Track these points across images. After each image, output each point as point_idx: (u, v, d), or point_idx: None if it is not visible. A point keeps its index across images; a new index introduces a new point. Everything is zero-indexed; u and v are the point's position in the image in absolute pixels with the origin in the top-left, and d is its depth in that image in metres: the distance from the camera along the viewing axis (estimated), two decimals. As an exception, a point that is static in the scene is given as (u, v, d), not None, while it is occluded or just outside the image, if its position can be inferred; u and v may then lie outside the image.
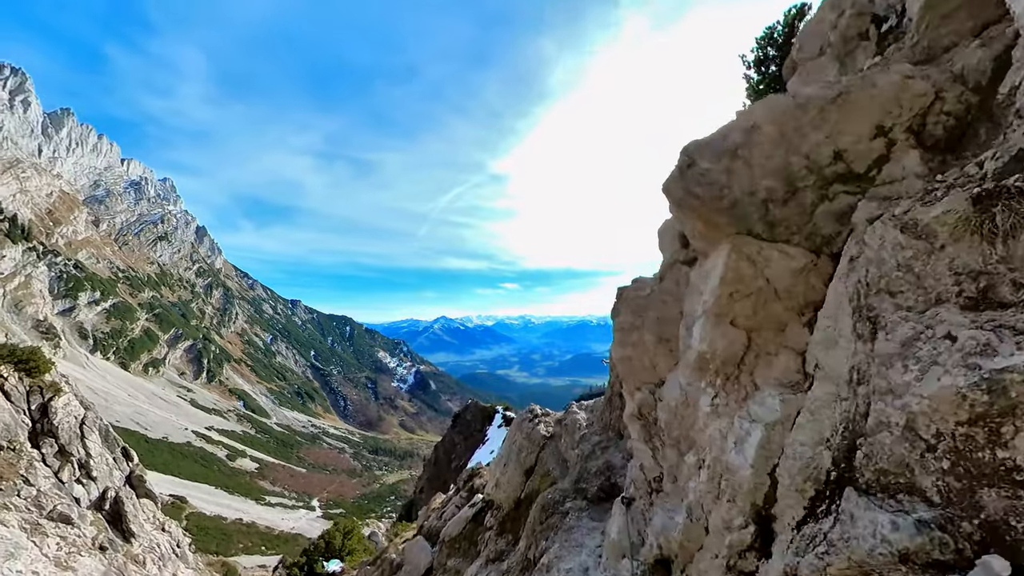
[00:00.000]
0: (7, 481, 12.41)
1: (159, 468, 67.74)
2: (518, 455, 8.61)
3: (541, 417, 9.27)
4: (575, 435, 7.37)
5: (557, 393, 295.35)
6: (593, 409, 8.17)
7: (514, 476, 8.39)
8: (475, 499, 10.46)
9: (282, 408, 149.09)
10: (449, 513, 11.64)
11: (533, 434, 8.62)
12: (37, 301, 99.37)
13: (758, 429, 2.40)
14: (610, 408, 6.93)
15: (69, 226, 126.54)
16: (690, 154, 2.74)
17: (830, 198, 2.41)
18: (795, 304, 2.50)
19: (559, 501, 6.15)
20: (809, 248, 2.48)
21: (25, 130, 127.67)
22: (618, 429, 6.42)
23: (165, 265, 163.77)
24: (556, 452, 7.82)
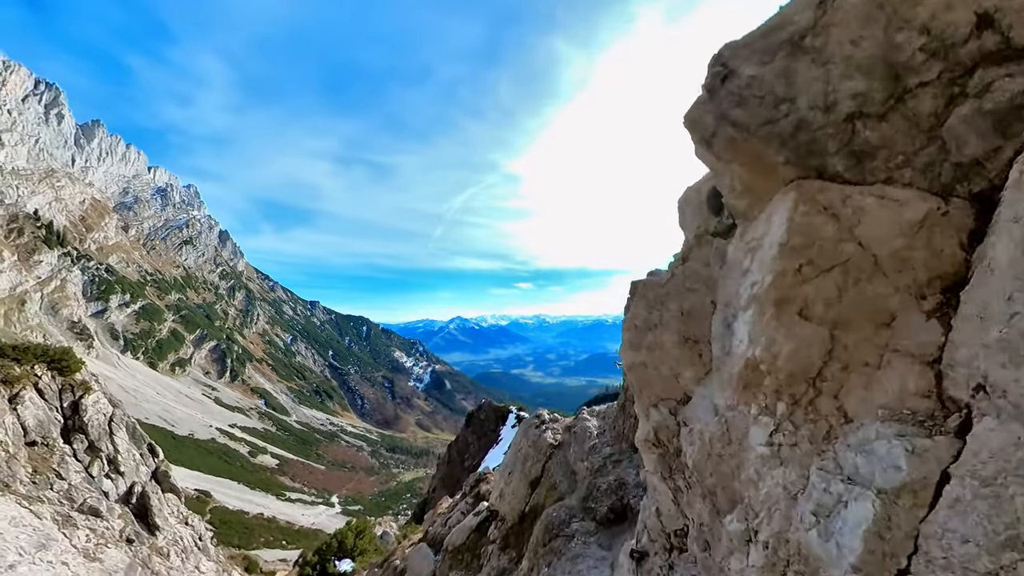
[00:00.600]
0: (41, 475, 13.14)
1: (185, 463, 70.35)
2: (523, 464, 8.07)
3: (549, 423, 8.71)
4: (584, 445, 6.85)
5: (572, 393, 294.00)
6: (605, 416, 7.57)
7: (519, 487, 7.84)
8: (480, 507, 10.08)
9: (302, 406, 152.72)
10: (454, 519, 11.37)
11: (539, 442, 8.09)
12: (72, 303, 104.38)
13: (863, 498, 1.44)
14: (623, 416, 6.35)
15: (100, 232, 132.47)
16: (726, 60, 1.82)
17: (972, 94, 1.43)
18: (911, 281, 1.56)
19: (565, 521, 5.65)
20: (931, 189, 1.54)
21: (59, 141, 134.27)
22: (632, 440, 5.79)
23: (190, 268, 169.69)
24: (564, 463, 7.28)
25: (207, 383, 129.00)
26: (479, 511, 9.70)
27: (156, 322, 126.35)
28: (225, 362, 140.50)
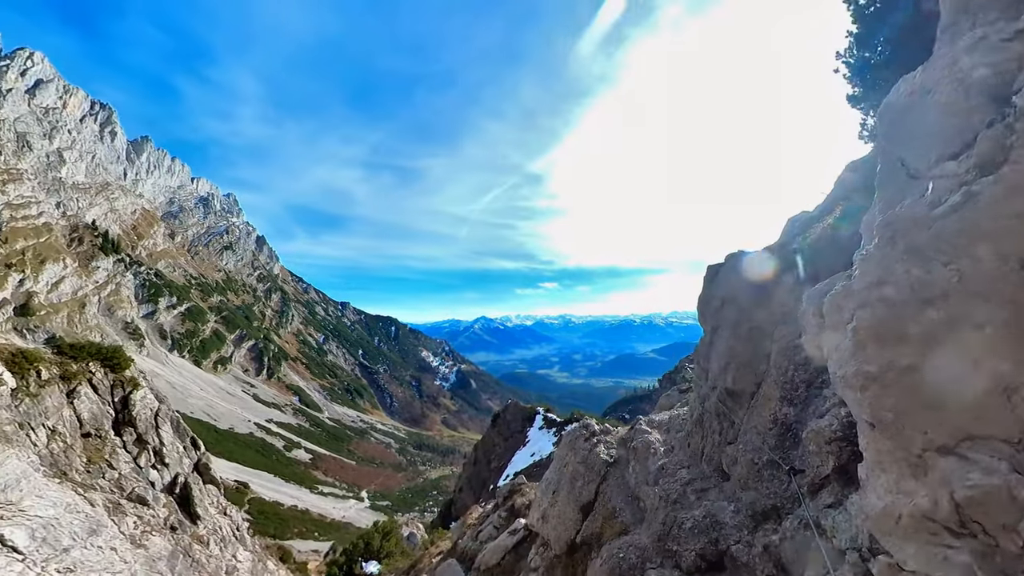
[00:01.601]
0: (95, 464, 14.20)
1: (226, 456, 74.33)
2: (571, 484, 7.04)
3: (600, 436, 7.56)
4: (649, 464, 5.87)
5: (600, 394, 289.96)
6: (669, 428, 6.58)
7: (566, 510, 6.87)
8: (516, 524, 9.26)
9: (333, 403, 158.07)
10: (486, 534, 10.84)
11: (591, 458, 7.02)
12: (125, 305, 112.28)
13: None
14: (701, 431, 5.42)
15: (150, 239, 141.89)
16: None
17: None
18: None
19: (637, 566, 4.74)
20: None
21: (112, 157, 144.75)
22: (719, 464, 4.85)
23: (230, 272, 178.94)
24: (623, 485, 6.24)
25: (246, 380, 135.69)
26: (515, 529, 9.06)
27: (200, 323, 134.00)
28: (262, 360, 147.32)
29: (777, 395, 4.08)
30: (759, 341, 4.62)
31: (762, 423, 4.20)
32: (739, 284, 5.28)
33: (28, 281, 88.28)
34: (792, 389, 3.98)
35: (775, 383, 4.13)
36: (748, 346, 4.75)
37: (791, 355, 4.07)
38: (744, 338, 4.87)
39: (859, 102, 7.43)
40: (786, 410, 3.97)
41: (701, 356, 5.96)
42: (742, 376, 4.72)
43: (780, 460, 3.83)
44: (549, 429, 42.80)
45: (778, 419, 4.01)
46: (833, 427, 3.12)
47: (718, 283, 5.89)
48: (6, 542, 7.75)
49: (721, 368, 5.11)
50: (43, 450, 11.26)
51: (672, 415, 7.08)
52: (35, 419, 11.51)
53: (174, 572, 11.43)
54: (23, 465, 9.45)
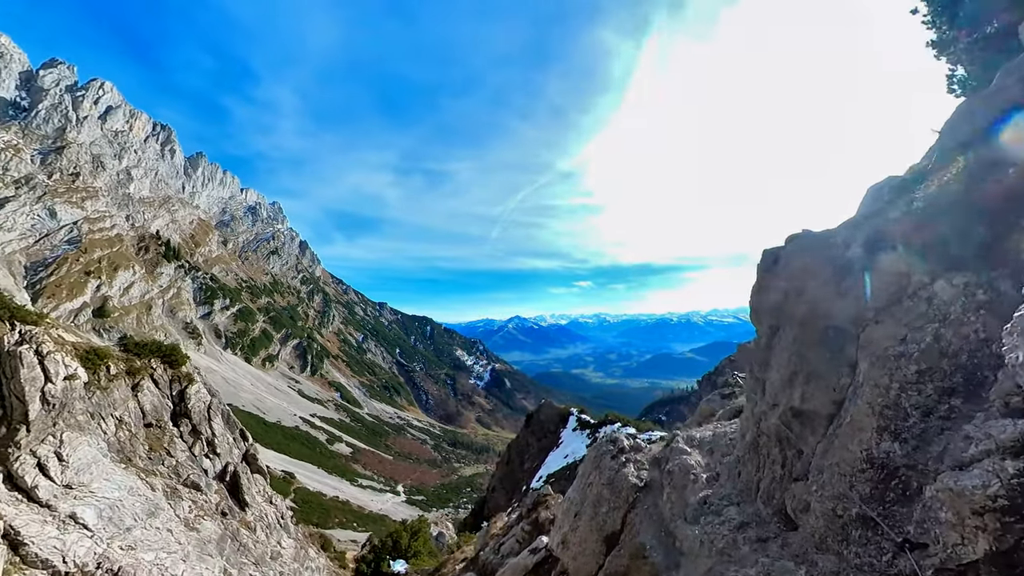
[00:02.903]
0: (155, 452, 15.46)
1: (273, 447, 78.96)
2: (595, 509, 6.19)
3: (630, 453, 6.65)
4: (687, 494, 4.96)
5: (635, 395, 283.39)
6: (713, 448, 5.60)
7: (588, 538, 6.08)
8: (538, 542, 8.63)
9: (372, 400, 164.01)
10: (508, 548, 10.40)
11: (617, 481, 6.10)
12: (185, 307, 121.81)
13: None
14: (756, 459, 4.44)
15: (206, 246, 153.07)
16: None
17: None
18: None
19: None
20: None
21: (172, 172, 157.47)
22: (780, 505, 3.91)
23: (276, 275, 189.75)
24: (656, 516, 5.33)
25: (292, 377, 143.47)
26: (536, 548, 8.46)
27: (250, 323, 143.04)
28: (306, 358, 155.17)
29: (873, 424, 3.09)
30: (839, 346, 3.62)
31: (849, 461, 3.18)
32: (809, 271, 4.19)
33: (104, 286, 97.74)
34: (899, 417, 2.96)
35: (868, 406, 3.16)
36: (823, 352, 3.74)
37: (895, 367, 3.06)
38: (817, 341, 3.82)
39: (945, 48, 6.22)
40: (889, 446, 2.94)
41: (756, 363, 4.86)
42: (815, 392, 3.73)
43: (880, 519, 2.82)
44: (583, 431, 42.30)
45: (875, 458, 2.99)
46: (991, 490, 2.08)
47: (779, 271, 4.73)
48: (78, 519, 8.67)
49: (784, 380, 4.07)
50: (111, 438, 12.42)
51: (717, 432, 5.94)
52: (105, 409, 12.71)
53: (223, 555, 12.33)
54: (94, 451, 10.51)
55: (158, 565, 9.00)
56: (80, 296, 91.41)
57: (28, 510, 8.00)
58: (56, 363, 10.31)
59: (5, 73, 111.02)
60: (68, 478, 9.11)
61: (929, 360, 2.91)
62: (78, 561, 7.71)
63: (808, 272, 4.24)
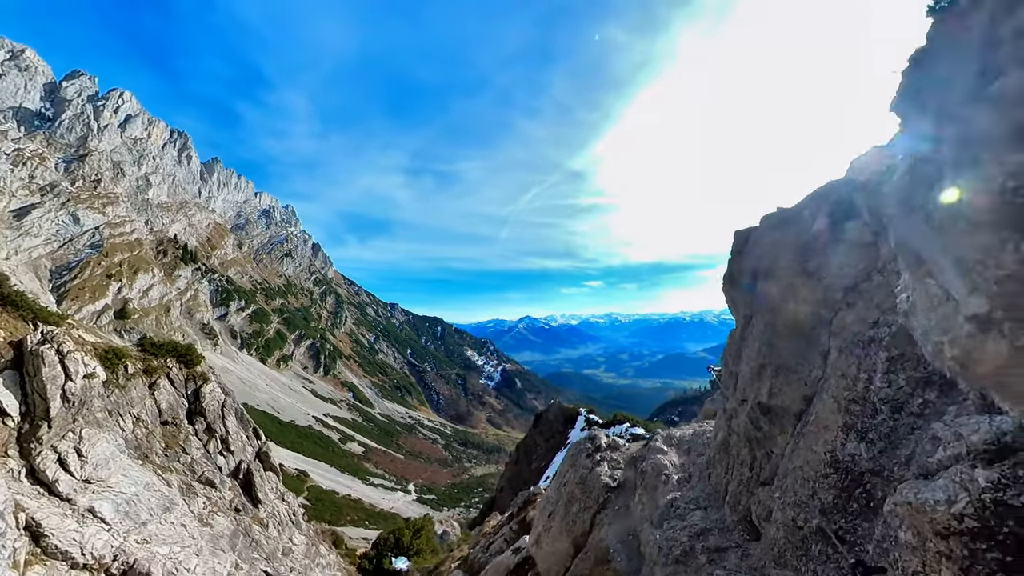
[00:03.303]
0: (171, 449, 15.86)
1: (287, 446, 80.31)
2: (566, 509, 5.79)
3: (606, 451, 6.32)
4: (657, 496, 4.62)
5: (647, 395, 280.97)
6: (691, 448, 5.30)
7: (559, 539, 5.71)
8: (521, 541, 8.53)
9: (384, 400, 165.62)
10: (496, 547, 10.25)
11: (590, 480, 5.75)
12: (202, 309, 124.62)
13: None
14: (726, 460, 4.08)
15: (222, 249, 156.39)
16: None
17: None
18: None
19: None
20: None
21: (189, 178, 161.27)
22: (746, 511, 3.54)
23: (290, 277, 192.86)
24: (624, 518, 4.93)
25: (305, 377, 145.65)
26: (519, 547, 8.31)
27: (265, 324, 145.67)
28: (319, 358, 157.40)
29: (839, 422, 2.65)
30: (811, 334, 3.14)
31: (813, 464, 2.77)
32: (778, 250, 3.69)
33: (124, 289, 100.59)
34: (866, 413, 2.51)
35: (835, 401, 2.72)
36: (794, 341, 3.29)
37: (863, 355, 2.63)
38: (788, 329, 3.35)
39: None
40: (855, 448, 2.53)
41: (730, 356, 4.44)
42: (784, 386, 3.28)
43: (837, 535, 2.41)
44: (591, 431, 42.12)
45: (839, 462, 2.59)
46: (958, 507, 1.62)
47: (749, 253, 4.23)
48: (96, 513, 8.98)
49: (753, 373, 3.61)
50: (129, 435, 12.80)
51: (697, 430, 5.58)
52: (123, 407, 13.11)
53: (235, 550, 12.62)
54: (111, 447, 10.87)
55: (172, 559, 9.27)
56: (102, 298, 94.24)
57: (49, 503, 8.32)
58: (76, 362, 10.68)
59: (30, 85, 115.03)
60: (87, 473, 9.44)
61: (900, 345, 2.40)
62: (95, 553, 8.00)
63: (777, 252, 3.71)
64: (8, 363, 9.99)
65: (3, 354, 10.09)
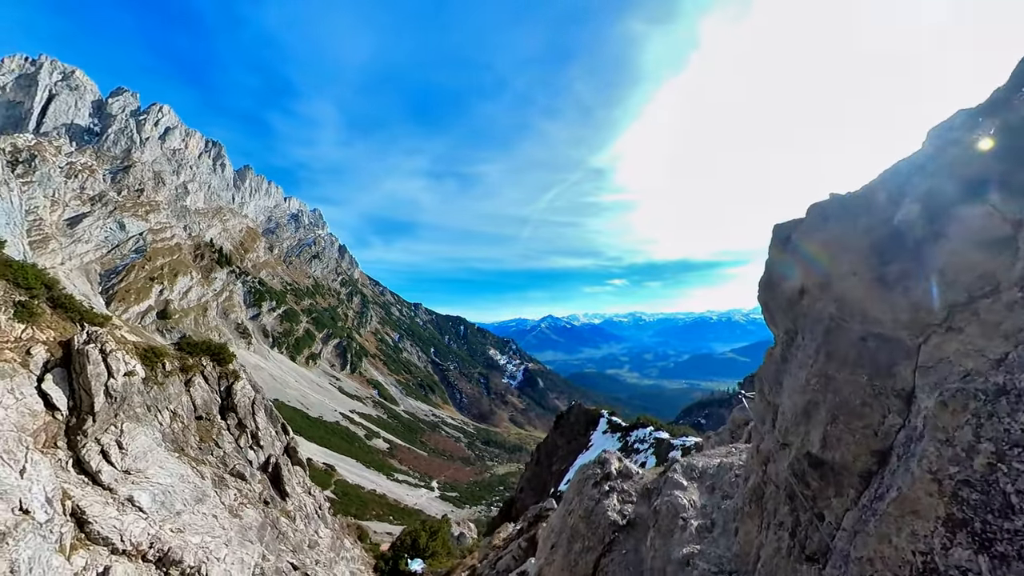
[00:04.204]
0: (205, 443, 16.64)
1: (316, 441, 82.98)
2: (569, 545, 5.17)
3: (616, 480, 5.53)
4: (672, 544, 3.95)
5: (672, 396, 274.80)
6: (715, 484, 4.43)
7: None
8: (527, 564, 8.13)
9: (408, 398, 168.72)
10: (504, 564, 9.98)
11: (597, 513, 5.02)
12: (237, 309, 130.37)
13: None
14: (760, 516, 3.29)
15: (254, 252, 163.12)
16: None
17: None
18: None
19: None
20: None
21: (223, 185, 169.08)
22: None
23: (318, 278, 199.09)
24: (635, 566, 4.32)
25: (333, 374, 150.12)
26: (524, 571, 7.90)
27: (294, 323, 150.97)
28: (346, 357, 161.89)
29: (940, 510, 1.83)
30: (885, 364, 2.39)
31: (892, 562, 1.99)
32: (837, 249, 2.91)
33: (166, 291, 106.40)
34: (989, 507, 1.69)
35: (932, 477, 1.88)
36: (857, 374, 2.51)
37: (983, 412, 1.82)
38: (850, 356, 2.60)
39: None
40: (968, 560, 1.69)
41: (766, 382, 3.65)
42: (842, 434, 2.53)
43: None
44: (613, 433, 41.51)
45: (938, 572, 1.77)
46: None
47: (795, 253, 3.41)
48: (135, 502, 9.54)
49: (799, 411, 2.88)
50: (166, 429, 13.51)
51: (724, 463, 4.66)
52: (161, 403, 13.85)
53: (262, 541, 13.14)
54: (149, 440, 11.50)
55: (203, 548, 9.72)
56: (146, 300, 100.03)
57: (92, 492, 8.89)
58: (117, 360, 11.36)
59: (80, 103, 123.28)
60: (127, 464, 10.03)
61: None
62: (133, 540, 8.49)
63: (835, 251, 2.92)
64: (58, 361, 10.73)
65: (53, 353, 10.85)
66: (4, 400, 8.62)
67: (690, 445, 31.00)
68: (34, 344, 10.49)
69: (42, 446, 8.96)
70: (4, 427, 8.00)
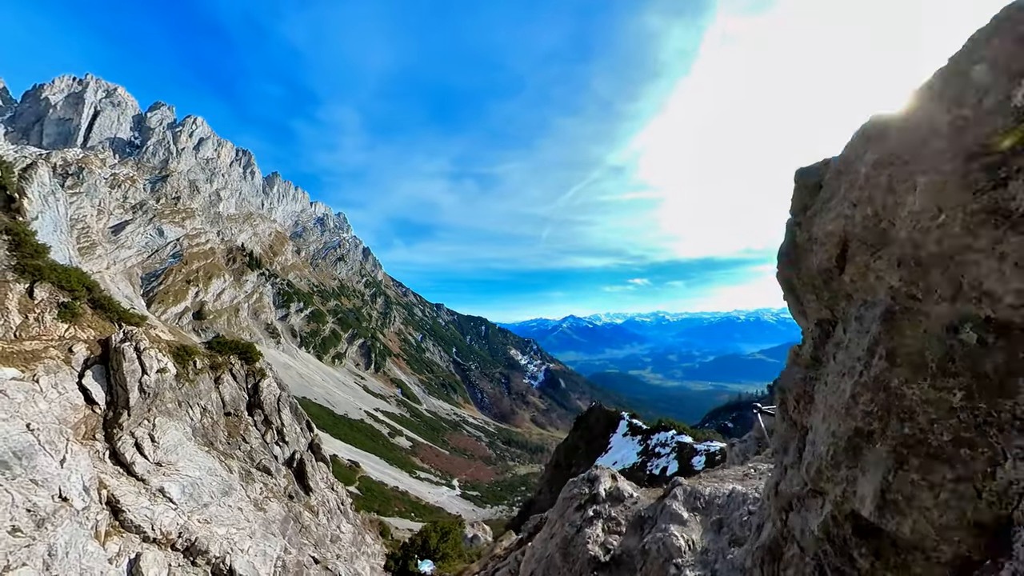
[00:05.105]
0: (233, 438, 17.25)
1: (341, 438, 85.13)
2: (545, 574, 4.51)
3: (603, 504, 4.61)
4: None
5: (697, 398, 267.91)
6: (721, 522, 3.53)
7: None
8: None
9: (430, 397, 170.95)
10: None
11: (576, 544, 4.19)
12: (267, 310, 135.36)
13: None
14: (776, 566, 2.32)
15: (282, 256, 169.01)
16: None
17: None
18: None
19: None
20: None
21: (253, 192, 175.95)
22: None
23: (343, 280, 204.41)
24: None
25: (357, 373, 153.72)
26: None
27: (321, 323, 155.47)
28: (370, 356, 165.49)
29: None
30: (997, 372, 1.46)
31: None
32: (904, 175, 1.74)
33: (201, 293, 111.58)
34: None
35: None
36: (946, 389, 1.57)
37: None
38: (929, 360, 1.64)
39: None
40: None
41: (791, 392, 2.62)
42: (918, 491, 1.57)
43: None
44: (633, 436, 40.77)
45: None
46: None
47: (830, 201, 2.30)
48: (165, 493, 9.99)
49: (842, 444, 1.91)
50: (196, 424, 14.10)
51: (735, 491, 3.75)
52: (192, 399, 14.47)
53: (285, 535, 13.54)
54: (180, 435, 12.04)
55: (228, 539, 10.09)
56: (183, 301, 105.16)
57: (127, 482, 9.37)
58: (151, 358, 11.94)
59: (122, 118, 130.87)
60: (159, 457, 10.53)
61: None
62: (164, 529, 8.90)
63: (901, 178, 1.73)
64: (97, 358, 11.36)
65: (93, 350, 11.50)
66: (48, 394, 9.19)
67: (715, 450, 30.08)
68: (76, 342, 11.14)
69: (81, 438, 9.51)
70: (47, 419, 8.52)
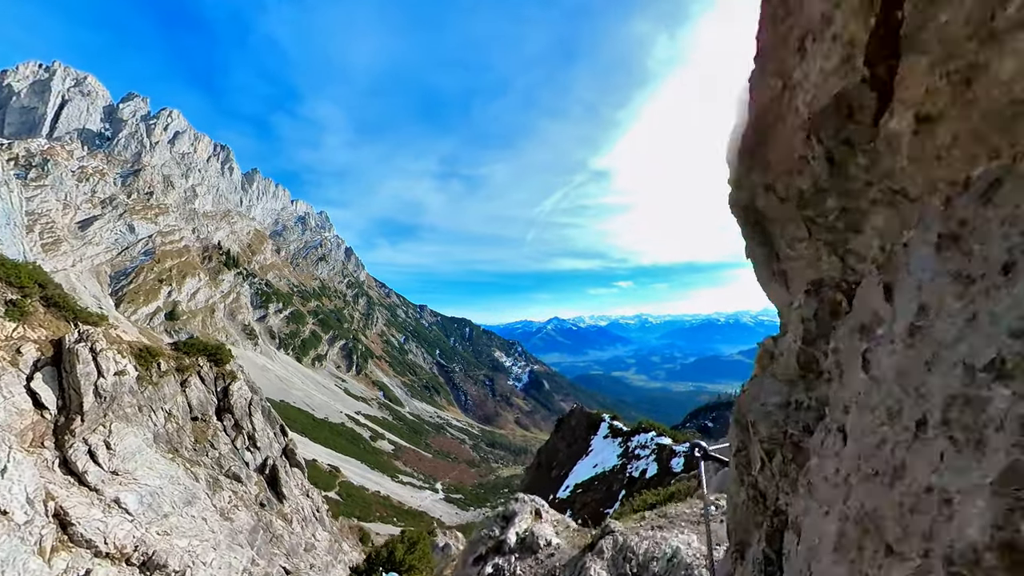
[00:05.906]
0: (200, 444, 16.45)
1: (321, 442, 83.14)
2: None
3: (511, 558, 3.62)
4: None
5: (679, 399, 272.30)
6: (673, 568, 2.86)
7: None
8: None
9: (413, 399, 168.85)
10: None
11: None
12: (244, 311, 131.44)
13: None
14: None
15: (261, 255, 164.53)
16: None
17: None
18: None
19: None
20: None
21: (231, 188, 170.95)
22: None
23: (324, 280, 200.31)
24: None
25: (338, 376, 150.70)
26: None
27: (301, 324, 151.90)
28: (352, 358, 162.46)
29: None
30: None
31: None
32: None
33: (174, 292, 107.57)
34: None
35: None
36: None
37: None
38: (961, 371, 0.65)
39: None
40: None
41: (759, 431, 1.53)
42: None
43: None
44: (614, 439, 40.77)
45: None
46: None
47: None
48: (121, 504, 9.38)
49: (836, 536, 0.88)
50: (159, 429, 13.37)
51: (677, 553, 3.23)
52: (156, 403, 13.72)
53: (253, 545, 12.94)
54: (139, 441, 11.37)
55: (189, 552, 9.53)
56: (155, 301, 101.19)
57: (78, 493, 8.74)
58: (108, 359, 11.25)
59: (92, 108, 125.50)
60: (115, 465, 9.89)
61: None
62: (117, 543, 8.32)
63: None
64: (49, 360, 10.64)
65: (44, 351, 10.76)
66: (-11, 399, 8.52)
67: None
68: (24, 343, 10.41)
69: (28, 445, 8.84)
70: (-14, 426, 7.88)
